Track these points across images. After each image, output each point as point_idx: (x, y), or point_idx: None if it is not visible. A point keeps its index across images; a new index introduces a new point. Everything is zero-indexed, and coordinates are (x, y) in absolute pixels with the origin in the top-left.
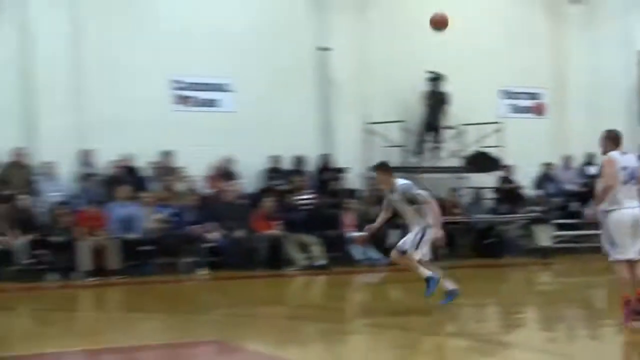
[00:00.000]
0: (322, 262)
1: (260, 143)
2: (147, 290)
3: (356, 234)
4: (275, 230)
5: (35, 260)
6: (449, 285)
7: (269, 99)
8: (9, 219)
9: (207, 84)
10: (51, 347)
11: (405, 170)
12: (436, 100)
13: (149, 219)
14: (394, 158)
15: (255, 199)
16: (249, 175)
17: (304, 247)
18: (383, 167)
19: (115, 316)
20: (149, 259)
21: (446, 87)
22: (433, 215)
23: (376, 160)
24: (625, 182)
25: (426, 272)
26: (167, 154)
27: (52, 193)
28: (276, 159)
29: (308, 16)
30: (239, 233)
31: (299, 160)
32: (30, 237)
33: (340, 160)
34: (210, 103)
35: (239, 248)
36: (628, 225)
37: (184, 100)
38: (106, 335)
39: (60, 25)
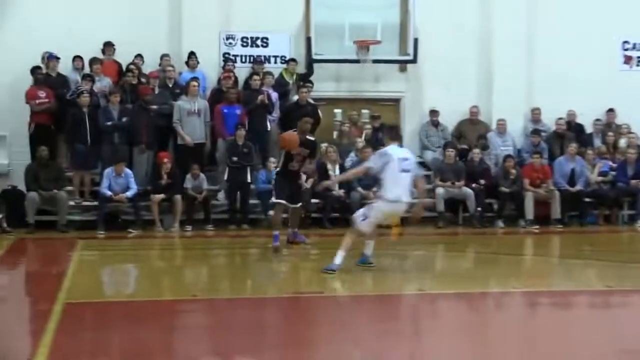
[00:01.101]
0: None
1: None
2: (586, 239)
3: None
4: None
5: (484, 209)
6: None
7: None
8: (464, 171)
9: None
10: (494, 288)
11: None
12: None
13: (591, 172)
14: None
15: None
16: None
17: None
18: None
19: (554, 261)
20: (589, 209)
21: None
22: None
23: None
24: None
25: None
26: (610, 111)
27: (503, 147)
28: None
29: None
30: None
31: None
32: (481, 187)
33: None
34: None
35: None
36: None
37: (632, 60)
38: (546, 278)
39: None
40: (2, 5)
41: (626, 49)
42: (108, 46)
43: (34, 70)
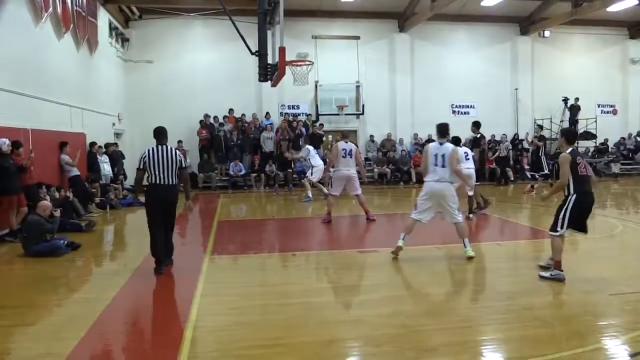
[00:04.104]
0: None
1: (486, 129)
2: None
3: None
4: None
5: (395, 178)
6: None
7: (491, 111)
8: (386, 161)
9: (465, 105)
10: (396, 210)
11: None
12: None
13: None
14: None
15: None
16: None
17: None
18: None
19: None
20: None
21: None
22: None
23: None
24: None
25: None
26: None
27: (401, 150)
28: (502, 135)
29: (507, 72)
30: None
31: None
32: (393, 167)
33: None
34: (466, 112)
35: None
36: None
37: (455, 112)
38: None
39: (405, 83)
40: (190, 96)
41: (453, 107)
42: (231, 110)
43: (201, 121)
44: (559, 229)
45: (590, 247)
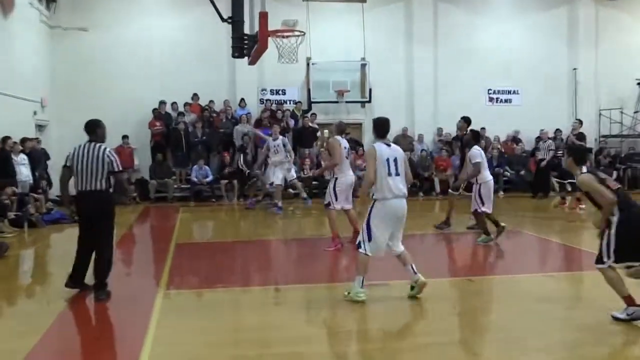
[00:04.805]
0: None
1: (534, 123)
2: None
3: None
4: None
5: (411, 185)
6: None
7: (540, 99)
8: None
9: (506, 90)
10: None
11: None
12: None
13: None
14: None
15: (531, 153)
16: (528, 140)
17: None
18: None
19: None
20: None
21: None
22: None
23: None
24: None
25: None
26: (482, 129)
27: (420, 150)
28: (542, 132)
29: (563, 47)
30: (523, 171)
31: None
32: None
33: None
34: (507, 101)
35: (522, 180)
36: None
37: (492, 100)
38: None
39: (427, 61)
40: (140, 78)
41: (489, 94)
42: (195, 96)
43: (154, 110)
44: (605, 259)
45: None
